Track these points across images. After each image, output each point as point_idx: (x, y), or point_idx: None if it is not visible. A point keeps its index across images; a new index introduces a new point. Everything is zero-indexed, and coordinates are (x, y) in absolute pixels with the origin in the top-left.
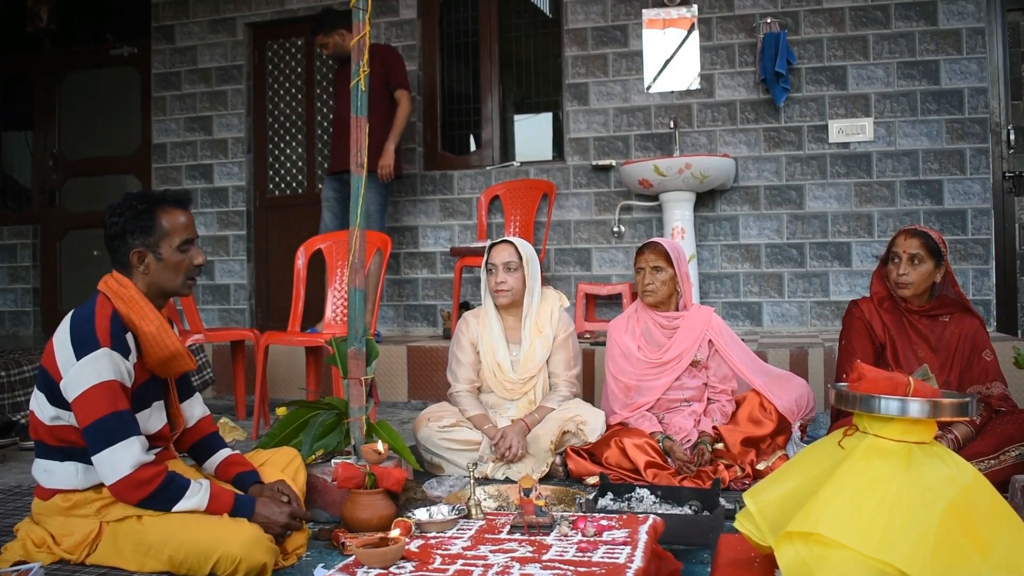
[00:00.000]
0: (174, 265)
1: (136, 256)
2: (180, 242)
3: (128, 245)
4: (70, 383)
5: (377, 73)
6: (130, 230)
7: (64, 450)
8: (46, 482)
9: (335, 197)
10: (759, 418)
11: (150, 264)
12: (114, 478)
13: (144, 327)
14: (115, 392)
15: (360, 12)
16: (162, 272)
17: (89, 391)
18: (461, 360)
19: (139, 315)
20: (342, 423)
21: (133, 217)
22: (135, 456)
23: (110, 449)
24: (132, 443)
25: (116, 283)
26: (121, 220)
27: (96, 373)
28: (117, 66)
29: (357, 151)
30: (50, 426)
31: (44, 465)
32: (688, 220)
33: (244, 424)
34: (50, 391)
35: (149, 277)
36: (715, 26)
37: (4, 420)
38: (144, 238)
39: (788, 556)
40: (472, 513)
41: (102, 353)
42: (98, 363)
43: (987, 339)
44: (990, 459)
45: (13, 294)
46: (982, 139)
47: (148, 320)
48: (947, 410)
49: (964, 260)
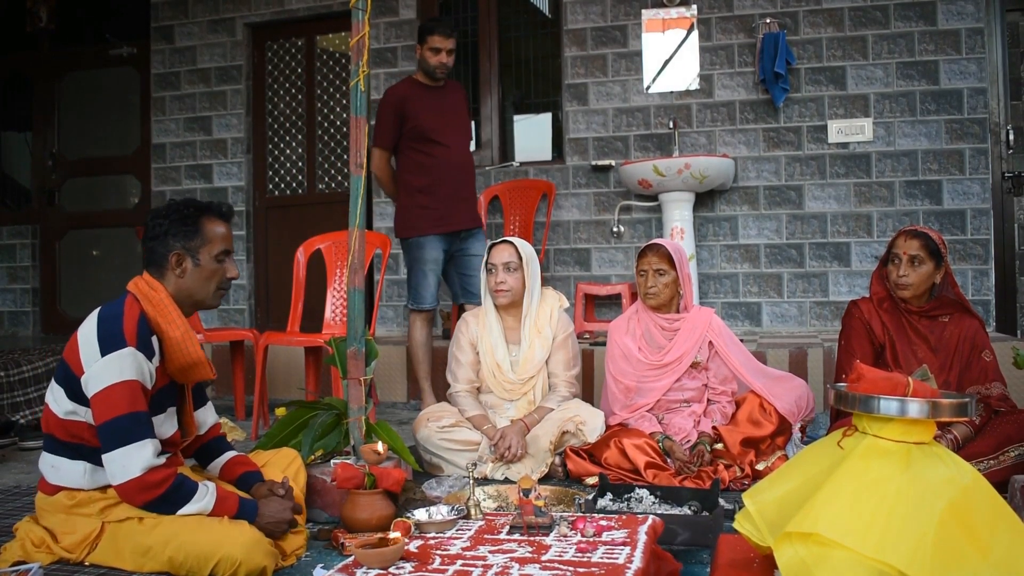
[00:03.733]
0: (209, 273)
1: (175, 258)
2: (219, 252)
3: (169, 247)
4: (92, 378)
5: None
6: (173, 232)
7: (75, 447)
8: (52, 478)
9: (441, 259)
10: (759, 419)
11: (187, 268)
12: (123, 479)
13: (170, 332)
14: (135, 392)
15: (359, 12)
16: (196, 278)
17: (109, 388)
18: (460, 360)
19: (166, 319)
20: (341, 423)
21: (178, 220)
22: (147, 459)
23: (123, 449)
24: (145, 445)
25: (147, 285)
26: (166, 223)
27: (119, 371)
28: (116, 66)
29: (356, 151)
30: (64, 420)
31: (52, 460)
32: (687, 220)
33: (243, 424)
34: (69, 386)
35: (183, 282)
36: (714, 26)
37: (3, 420)
38: (186, 242)
39: (787, 556)
40: (471, 513)
41: (127, 352)
42: (122, 361)
43: (986, 339)
44: (989, 459)
45: (12, 294)
46: (981, 139)
47: (175, 325)
48: (946, 410)
49: (963, 260)
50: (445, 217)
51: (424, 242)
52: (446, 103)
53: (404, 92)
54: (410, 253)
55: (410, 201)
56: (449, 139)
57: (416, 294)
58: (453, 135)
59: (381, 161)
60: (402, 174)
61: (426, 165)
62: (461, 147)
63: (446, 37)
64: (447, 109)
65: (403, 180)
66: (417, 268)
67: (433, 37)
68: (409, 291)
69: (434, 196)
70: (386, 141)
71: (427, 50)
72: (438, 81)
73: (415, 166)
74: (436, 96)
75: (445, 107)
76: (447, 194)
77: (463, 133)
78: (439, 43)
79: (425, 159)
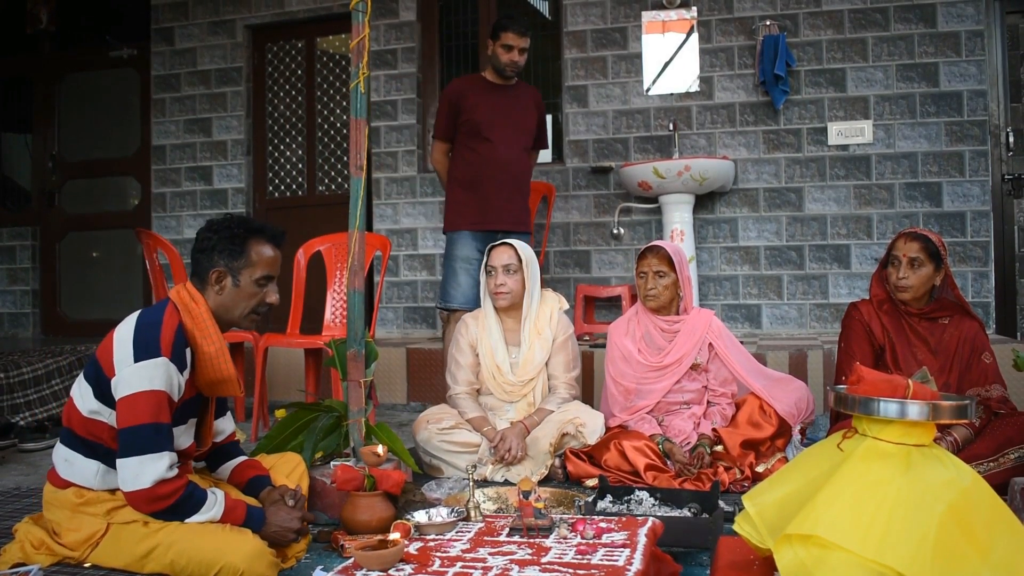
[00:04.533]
0: (247, 296)
1: (215, 275)
2: (261, 276)
3: (212, 262)
4: (122, 382)
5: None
6: (219, 249)
7: (91, 446)
8: (64, 472)
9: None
10: (759, 421)
11: (226, 286)
12: (133, 487)
13: (205, 347)
14: (161, 403)
15: (360, 14)
16: (233, 298)
17: (137, 395)
18: (460, 362)
19: (203, 334)
20: (341, 425)
21: (227, 238)
22: (160, 471)
23: (139, 458)
24: (163, 457)
25: (189, 296)
26: (215, 237)
27: (149, 379)
28: (117, 68)
29: (356, 153)
30: (86, 418)
31: (66, 454)
32: (687, 222)
33: (243, 426)
34: (98, 385)
35: (221, 299)
36: (714, 28)
37: (3, 422)
38: (230, 261)
39: (787, 558)
40: (471, 515)
41: (161, 362)
42: (154, 370)
43: (986, 341)
44: (989, 461)
45: (12, 296)
46: (981, 141)
47: (210, 340)
48: (946, 412)
49: (963, 262)
50: (483, 215)
51: (457, 238)
52: (510, 102)
53: (463, 86)
54: (446, 248)
55: (451, 195)
56: (500, 137)
57: (444, 291)
58: (507, 134)
59: (437, 153)
60: (450, 167)
61: (469, 160)
62: (511, 146)
63: (520, 35)
64: (509, 109)
65: (449, 173)
66: (448, 264)
67: (507, 34)
68: (440, 288)
69: (474, 192)
70: (441, 132)
71: (499, 47)
72: (508, 80)
73: (461, 160)
74: (500, 94)
75: (507, 106)
76: (489, 192)
77: (520, 134)
78: (512, 40)
79: (470, 154)
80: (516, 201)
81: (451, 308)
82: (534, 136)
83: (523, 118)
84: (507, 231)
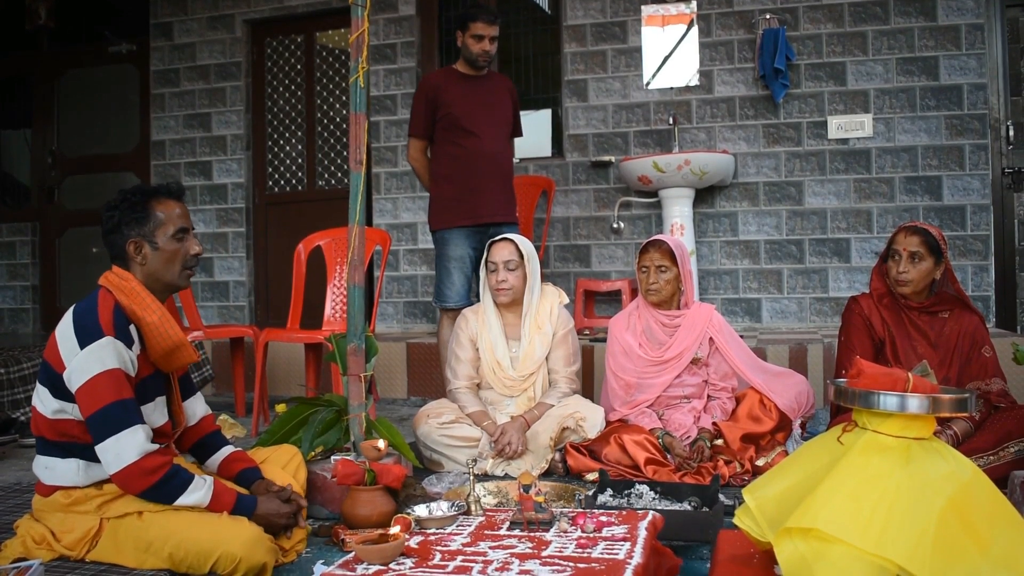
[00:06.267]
0: (170, 254)
1: (133, 246)
2: (175, 231)
3: (124, 236)
4: (74, 372)
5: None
6: (125, 221)
7: (66, 446)
8: (47, 479)
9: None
10: (759, 415)
11: (147, 254)
12: (119, 466)
13: (147, 317)
14: (119, 380)
15: (359, 9)
16: (159, 262)
17: (93, 380)
18: (460, 357)
19: (141, 306)
20: (341, 420)
21: (128, 209)
22: (140, 444)
23: (114, 437)
24: (137, 431)
25: (116, 277)
26: (117, 213)
27: (100, 361)
28: (116, 63)
29: (356, 148)
30: (52, 420)
31: (45, 462)
32: (687, 216)
33: (243, 421)
34: (53, 384)
35: (147, 267)
36: (714, 22)
37: (3, 417)
38: (139, 228)
39: (787, 552)
40: (472, 509)
41: (106, 342)
42: (102, 351)
43: (986, 335)
44: (989, 455)
45: (12, 291)
46: (981, 135)
47: (150, 310)
48: (946, 406)
49: (963, 256)
50: (471, 209)
51: (449, 236)
52: (485, 93)
53: (438, 81)
54: (436, 247)
55: (437, 192)
56: (482, 129)
57: (439, 291)
58: (487, 126)
59: (415, 151)
60: (432, 164)
61: (455, 155)
62: (495, 138)
63: (490, 24)
64: (486, 99)
65: (432, 170)
66: (441, 263)
67: (476, 24)
68: (435, 287)
69: (461, 187)
70: (418, 130)
71: (469, 37)
72: (480, 70)
73: (444, 156)
74: (475, 86)
75: (484, 97)
76: (475, 186)
77: (500, 124)
78: (482, 30)
79: (454, 149)
80: (505, 192)
81: (448, 307)
82: (512, 125)
83: (501, 109)
84: (499, 224)
